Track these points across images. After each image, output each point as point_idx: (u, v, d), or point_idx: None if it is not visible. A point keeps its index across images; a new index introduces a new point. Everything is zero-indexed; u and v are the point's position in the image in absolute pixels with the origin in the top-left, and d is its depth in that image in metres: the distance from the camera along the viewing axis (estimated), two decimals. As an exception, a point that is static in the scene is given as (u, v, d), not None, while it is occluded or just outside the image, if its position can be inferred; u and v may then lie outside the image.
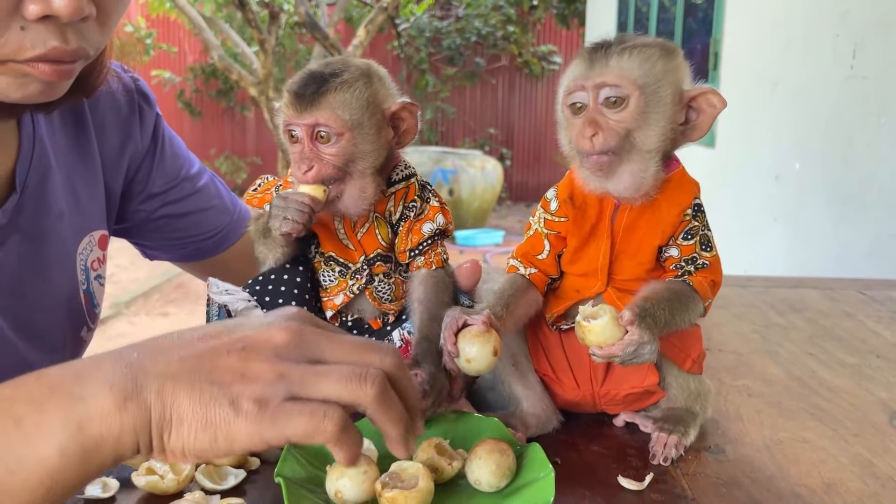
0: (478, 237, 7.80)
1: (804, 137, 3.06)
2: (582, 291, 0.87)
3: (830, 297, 1.52)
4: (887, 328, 1.32)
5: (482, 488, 0.71)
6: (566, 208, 0.86)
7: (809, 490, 0.75)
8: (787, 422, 0.92)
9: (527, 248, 0.88)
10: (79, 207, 0.94)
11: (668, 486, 0.75)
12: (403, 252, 0.89)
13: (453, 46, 11.14)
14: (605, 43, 0.81)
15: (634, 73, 0.79)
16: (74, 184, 0.94)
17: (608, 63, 0.79)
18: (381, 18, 8.54)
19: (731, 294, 1.54)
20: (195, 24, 8.44)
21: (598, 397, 0.88)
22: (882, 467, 0.80)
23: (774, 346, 1.21)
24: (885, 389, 1.03)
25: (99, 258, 0.98)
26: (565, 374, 0.89)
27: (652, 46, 0.81)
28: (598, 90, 0.79)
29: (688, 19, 5.03)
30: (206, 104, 11.18)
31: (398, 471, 0.68)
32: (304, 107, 0.81)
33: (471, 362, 0.76)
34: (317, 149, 0.82)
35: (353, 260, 0.88)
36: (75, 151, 0.95)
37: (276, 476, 0.67)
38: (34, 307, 0.89)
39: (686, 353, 0.87)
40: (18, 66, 0.68)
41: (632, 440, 0.85)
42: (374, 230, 0.88)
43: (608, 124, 0.79)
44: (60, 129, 0.94)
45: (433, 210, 0.89)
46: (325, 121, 0.81)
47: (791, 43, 3.21)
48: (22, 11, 0.65)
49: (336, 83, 0.82)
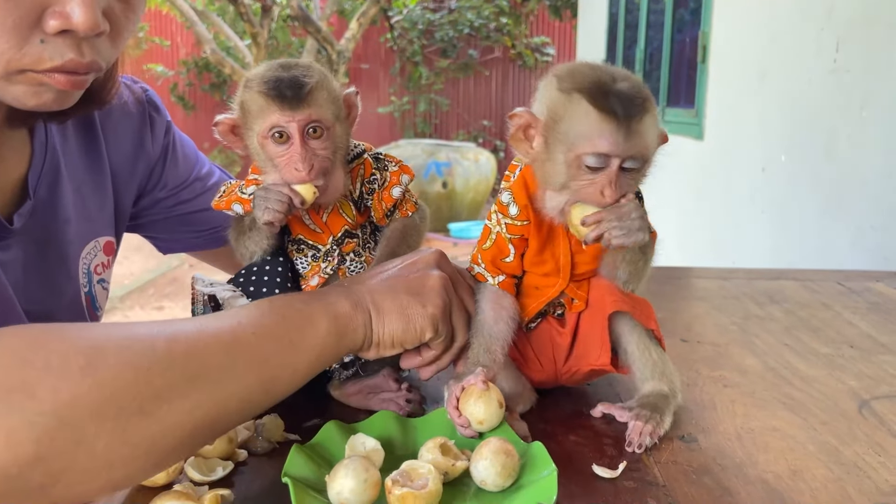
0: (472, 229, 7.82)
1: (790, 130, 3.09)
2: (542, 289, 0.91)
3: (810, 288, 1.56)
4: (863, 319, 1.35)
5: (488, 488, 0.73)
6: (526, 212, 0.87)
7: (776, 476, 0.78)
8: (760, 411, 0.95)
9: (493, 253, 0.90)
10: (86, 214, 0.99)
11: (640, 474, 0.78)
12: (382, 217, 0.94)
13: (446, 38, 11.13)
14: (631, 105, 0.76)
15: (651, 139, 0.79)
16: (83, 192, 0.99)
17: (637, 130, 0.77)
18: (374, 11, 8.54)
19: (712, 286, 1.57)
20: (187, 17, 8.42)
21: (560, 375, 0.95)
22: (848, 454, 0.83)
23: (752, 337, 1.25)
24: (855, 379, 1.06)
25: (103, 263, 1.02)
26: (531, 360, 0.94)
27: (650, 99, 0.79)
28: (624, 159, 0.78)
29: (678, 11, 5.04)
30: (199, 98, 11.16)
31: (409, 470, 0.69)
32: (295, 106, 0.83)
33: (483, 423, 0.80)
34: (310, 146, 0.85)
35: (322, 242, 0.92)
36: (85, 161, 1.00)
37: (283, 476, 0.68)
38: (37, 308, 0.91)
39: (647, 315, 0.91)
40: (36, 76, 0.74)
41: (608, 430, 0.88)
42: (337, 210, 0.92)
43: (624, 183, 0.79)
44: (73, 138, 0.98)
45: (394, 175, 0.94)
46: (318, 116, 0.85)
47: (777, 36, 3.24)
48: (42, 26, 0.71)
49: (316, 79, 0.85)
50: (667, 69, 5.14)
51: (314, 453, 0.75)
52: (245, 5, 8.02)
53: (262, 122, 0.85)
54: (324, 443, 0.78)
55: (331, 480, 0.68)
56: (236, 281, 0.92)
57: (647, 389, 0.91)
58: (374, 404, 0.92)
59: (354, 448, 0.77)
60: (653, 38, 5.60)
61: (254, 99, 0.85)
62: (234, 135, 0.90)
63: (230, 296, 0.90)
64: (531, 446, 0.78)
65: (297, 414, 0.91)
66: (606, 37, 6.83)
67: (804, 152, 2.96)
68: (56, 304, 0.95)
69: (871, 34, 2.47)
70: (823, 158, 2.77)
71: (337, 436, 0.79)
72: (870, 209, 2.45)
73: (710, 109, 4.14)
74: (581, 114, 0.77)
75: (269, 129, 0.85)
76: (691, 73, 4.53)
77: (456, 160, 8.32)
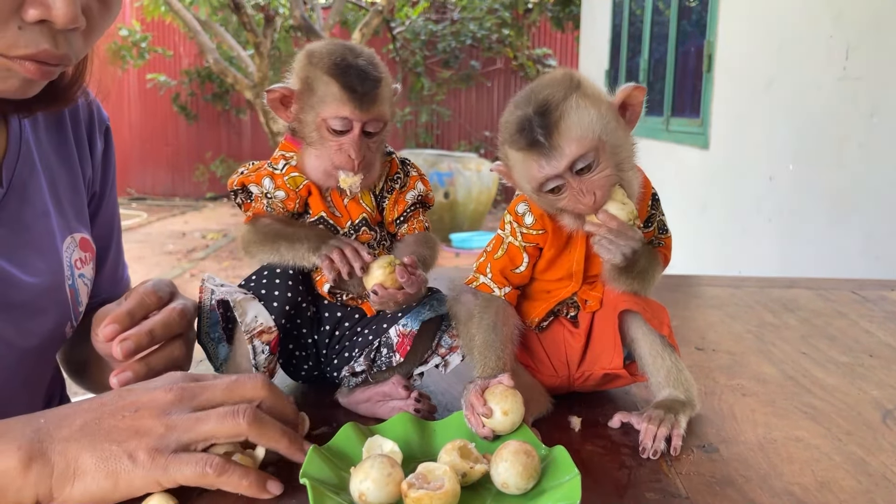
0: (473, 240, 7.80)
1: (798, 138, 3.07)
2: (553, 293, 0.91)
3: (824, 296, 1.53)
4: (880, 327, 1.32)
5: (510, 491, 0.71)
6: (543, 221, 0.88)
7: (803, 488, 0.75)
8: (781, 420, 0.92)
9: (504, 264, 0.89)
10: (60, 209, 0.98)
11: (662, 486, 0.75)
12: (391, 222, 0.95)
13: (448, 49, 11.15)
14: (537, 127, 0.80)
15: (586, 135, 0.80)
16: (57, 187, 0.98)
17: (560, 146, 0.80)
18: (377, 21, 8.56)
19: (724, 294, 1.54)
20: (190, 27, 8.44)
21: (573, 379, 0.94)
22: (875, 465, 0.81)
23: (768, 345, 1.22)
24: (877, 388, 1.03)
25: (81, 259, 1.00)
26: (543, 364, 0.93)
27: (569, 97, 0.81)
28: (570, 170, 0.81)
29: (682, 22, 5.04)
30: (201, 107, 11.17)
31: (425, 472, 0.68)
32: (362, 103, 0.86)
33: (507, 414, 0.79)
34: (365, 140, 0.88)
35: (341, 225, 0.93)
36: (58, 157, 0.99)
37: (301, 477, 0.67)
38: (15, 289, 0.89)
39: (660, 319, 0.90)
40: (5, 61, 0.74)
41: (626, 439, 0.85)
42: (358, 198, 0.93)
43: (595, 183, 0.81)
44: (44, 134, 0.98)
45: (413, 179, 0.96)
46: (381, 117, 0.88)
47: (784, 44, 3.22)
48: (22, 13, 0.71)
49: (383, 79, 0.88)
50: (671, 79, 5.14)
51: (332, 455, 0.74)
52: (248, 15, 8.03)
53: (329, 108, 0.87)
54: (341, 444, 0.77)
55: (355, 473, 0.68)
56: (247, 283, 0.90)
57: (662, 397, 0.89)
58: (383, 412, 0.90)
59: (372, 450, 0.75)
60: (657, 49, 5.60)
61: (323, 81, 0.87)
62: (283, 105, 0.91)
63: (241, 298, 0.87)
64: (553, 450, 0.76)
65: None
66: (610, 47, 6.84)
67: (813, 160, 2.93)
68: (38, 289, 0.92)
69: (882, 41, 2.46)
70: (833, 166, 2.75)
71: (354, 438, 0.78)
72: (881, 217, 2.43)
73: (715, 119, 4.12)
74: (525, 162, 0.83)
75: (334, 117, 0.87)
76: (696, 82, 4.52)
77: (458, 170, 8.31)
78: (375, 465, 0.67)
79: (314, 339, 0.95)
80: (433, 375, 1.00)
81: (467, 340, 0.88)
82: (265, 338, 0.87)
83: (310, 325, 0.94)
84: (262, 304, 0.88)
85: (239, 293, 0.88)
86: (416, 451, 0.80)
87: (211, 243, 8.12)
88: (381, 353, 0.92)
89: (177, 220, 9.64)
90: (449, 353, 0.93)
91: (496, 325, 0.86)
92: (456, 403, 0.90)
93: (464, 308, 0.88)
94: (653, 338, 0.90)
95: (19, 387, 0.93)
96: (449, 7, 11.36)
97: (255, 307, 0.87)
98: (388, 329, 0.91)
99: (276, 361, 0.91)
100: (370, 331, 0.93)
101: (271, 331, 0.87)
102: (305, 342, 0.95)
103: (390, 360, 0.91)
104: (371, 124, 0.88)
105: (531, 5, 11.04)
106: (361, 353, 0.92)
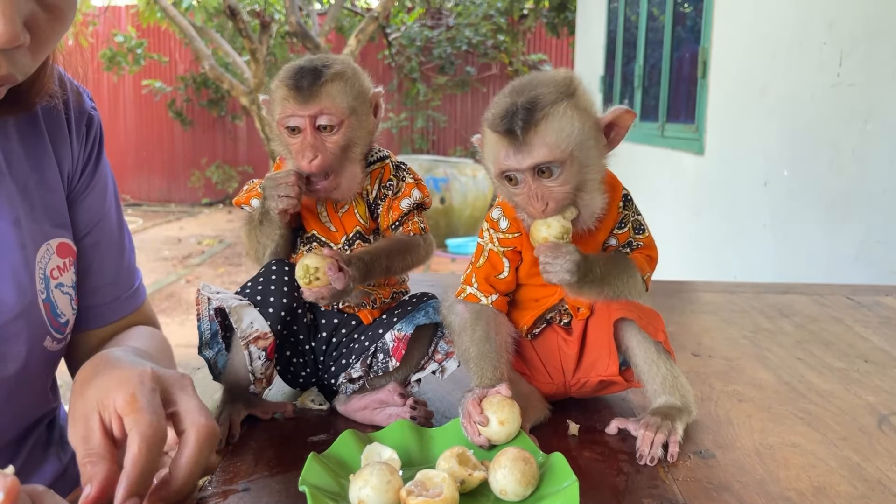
0: (469, 245, 7.79)
1: (792, 144, 3.08)
2: (541, 300, 0.92)
3: (819, 302, 1.54)
4: (875, 333, 1.33)
5: (508, 498, 0.71)
6: (518, 224, 0.88)
7: (799, 494, 0.75)
8: (777, 426, 0.92)
9: (487, 271, 0.90)
10: (34, 216, 0.93)
11: (659, 492, 0.75)
12: (387, 228, 0.95)
13: (444, 55, 11.17)
14: (519, 119, 0.80)
15: (560, 144, 0.80)
16: (30, 192, 0.93)
17: (531, 144, 0.80)
18: (372, 27, 8.56)
19: (720, 300, 1.55)
20: (186, 33, 8.44)
21: (569, 386, 0.94)
22: (871, 470, 0.81)
23: (764, 351, 1.22)
24: (872, 393, 1.03)
25: (59, 266, 0.95)
26: (539, 371, 0.94)
27: (559, 102, 0.81)
28: (532, 170, 0.81)
29: (677, 28, 5.06)
30: (197, 113, 11.16)
31: (424, 479, 0.68)
32: (305, 98, 0.86)
33: (504, 424, 0.79)
34: (319, 138, 0.87)
35: (336, 240, 0.93)
36: (31, 161, 0.94)
37: (300, 484, 0.68)
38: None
39: (654, 326, 0.90)
40: None
41: (623, 446, 0.86)
42: (353, 209, 0.94)
43: (551, 193, 0.81)
44: (16, 138, 0.93)
45: (409, 186, 0.95)
46: (328, 110, 0.87)
47: (779, 51, 3.24)
48: None
49: (331, 73, 0.87)
50: (666, 85, 5.15)
51: (331, 462, 0.75)
52: (244, 21, 8.03)
53: (279, 109, 0.88)
54: (340, 452, 0.77)
55: (354, 481, 0.68)
56: (243, 290, 0.91)
57: (658, 403, 0.89)
58: (380, 420, 0.90)
59: (370, 458, 0.75)
60: (651, 55, 5.61)
61: (276, 86, 0.89)
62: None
63: (237, 304, 0.88)
64: (551, 457, 0.76)
65: (302, 429, 0.89)
66: (605, 53, 6.85)
67: (808, 167, 2.94)
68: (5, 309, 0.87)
69: (875, 47, 2.47)
70: (827, 172, 2.76)
71: (353, 445, 0.78)
72: (875, 223, 2.44)
73: (710, 124, 4.13)
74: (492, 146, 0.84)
75: (282, 119, 0.88)
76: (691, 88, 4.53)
77: (453, 176, 8.32)
78: (374, 472, 0.67)
79: (311, 345, 0.95)
80: (431, 382, 1.01)
81: (462, 352, 0.88)
82: (261, 344, 0.87)
83: (307, 332, 0.94)
84: (258, 310, 0.88)
85: (235, 300, 0.88)
86: (414, 458, 0.80)
87: (206, 249, 8.11)
88: (377, 359, 0.92)
89: (172, 226, 9.62)
90: (445, 358, 0.93)
91: (489, 335, 0.87)
92: (453, 410, 0.90)
93: (457, 319, 0.89)
94: (648, 345, 0.90)
95: (2, 412, 0.89)
96: (444, 13, 11.38)
97: (251, 313, 0.88)
98: (384, 335, 0.92)
99: (273, 368, 0.91)
100: (366, 337, 0.93)
101: (267, 336, 0.87)
102: (303, 349, 0.95)
103: (387, 364, 0.91)
104: (322, 118, 0.87)
105: (526, 11, 11.07)
106: (358, 360, 0.93)
